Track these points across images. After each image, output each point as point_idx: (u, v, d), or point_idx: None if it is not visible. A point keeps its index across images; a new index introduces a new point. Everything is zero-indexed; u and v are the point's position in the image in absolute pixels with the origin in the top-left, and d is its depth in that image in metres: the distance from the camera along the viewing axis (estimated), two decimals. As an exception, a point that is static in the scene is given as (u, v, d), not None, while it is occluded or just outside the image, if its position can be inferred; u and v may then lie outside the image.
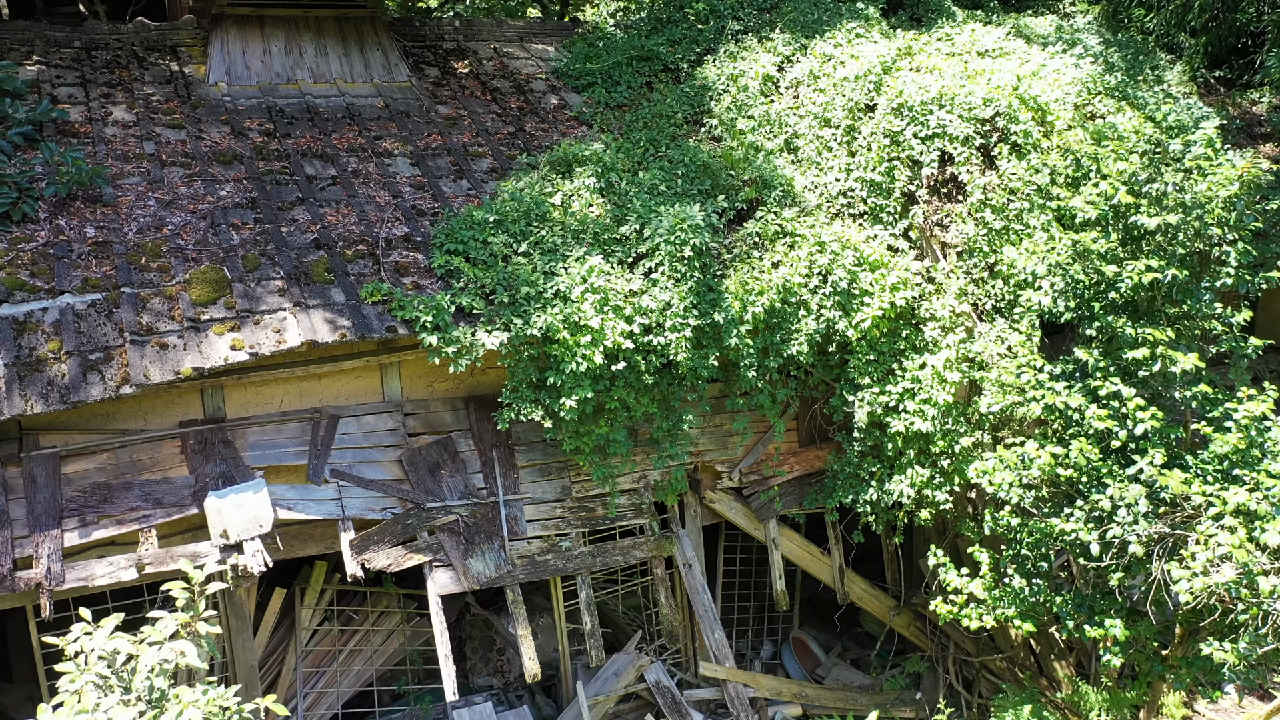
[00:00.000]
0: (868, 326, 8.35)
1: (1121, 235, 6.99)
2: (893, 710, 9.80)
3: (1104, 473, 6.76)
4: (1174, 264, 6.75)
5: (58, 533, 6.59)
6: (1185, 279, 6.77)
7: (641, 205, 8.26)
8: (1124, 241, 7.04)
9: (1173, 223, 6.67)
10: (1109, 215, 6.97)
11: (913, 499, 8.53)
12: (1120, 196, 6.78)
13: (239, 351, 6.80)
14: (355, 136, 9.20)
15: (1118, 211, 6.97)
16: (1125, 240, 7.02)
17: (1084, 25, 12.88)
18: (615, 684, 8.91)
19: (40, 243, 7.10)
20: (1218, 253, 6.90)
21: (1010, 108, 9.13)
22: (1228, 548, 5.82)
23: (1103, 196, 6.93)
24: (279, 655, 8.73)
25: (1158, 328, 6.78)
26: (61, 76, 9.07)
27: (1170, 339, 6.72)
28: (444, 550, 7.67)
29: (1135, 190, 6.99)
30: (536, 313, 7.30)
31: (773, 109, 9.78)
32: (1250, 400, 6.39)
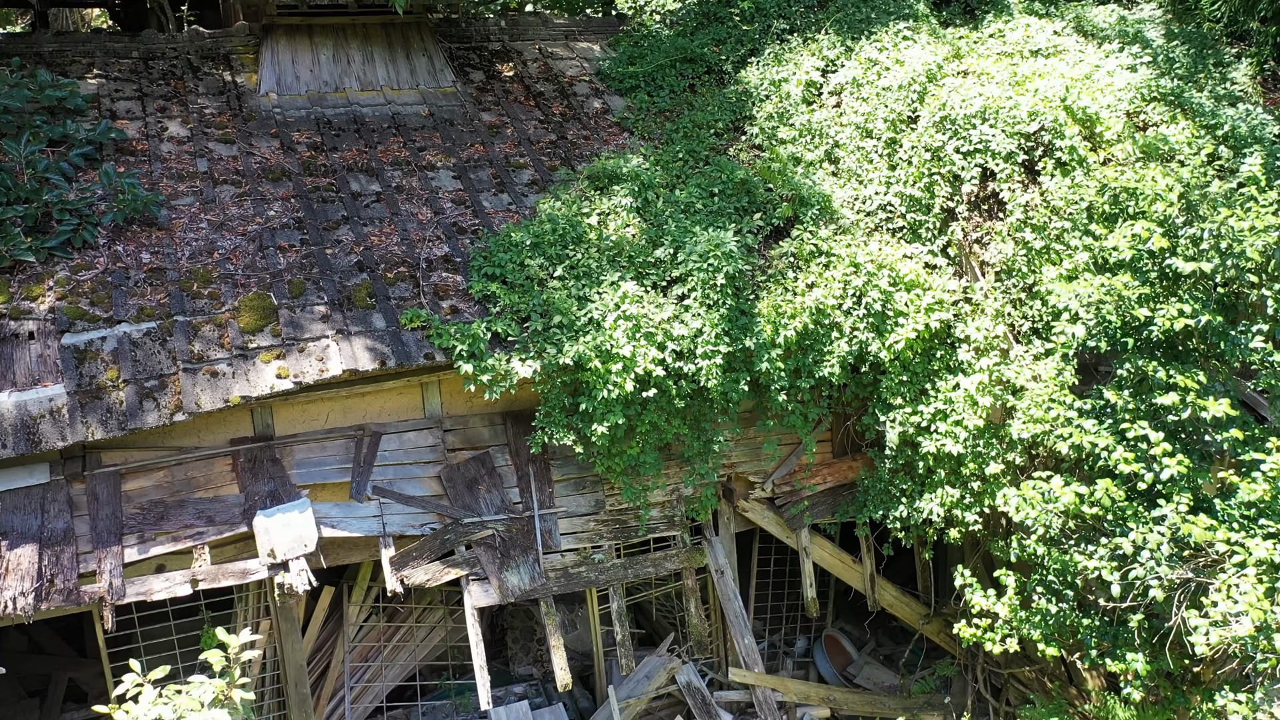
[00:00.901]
0: (901, 348, 8.39)
1: (1157, 275, 6.91)
2: (920, 714, 9.98)
3: (1129, 514, 6.79)
4: (1209, 309, 6.68)
5: (119, 549, 7.03)
6: (1220, 324, 6.69)
7: (676, 226, 8.35)
8: (1159, 279, 6.96)
9: (1207, 270, 6.58)
10: (1143, 256, 6.89)
11: (942, 518, 8.62)
12: (1155, 241, 6.70)
13: (284, 380, 7.12)
14: (400, 148, 9.40)
15: (1153, 254, 6.89)
16: (1160, 279, 6.94)
17: (1147, 16, 12.47)
18: (647, 686, 9.23)
19: (99, 270, 7.45)
20: (1255, 296, 6.80)
21: (1056, 122, 8.99)
22: (1244, 605, 5.85)
23: (1136, 239, 6.85)
24: (328, 649, 9.20)
25: (1189, 371, 6.73)
26: (120, 90, 9.38)
27: (1202, 384, 6.67)
28: (480, 564, 8.00)
29: (1171, 232, 6.89)
30: (569, 341, 7.48)
31: (814, 118, 9.73)
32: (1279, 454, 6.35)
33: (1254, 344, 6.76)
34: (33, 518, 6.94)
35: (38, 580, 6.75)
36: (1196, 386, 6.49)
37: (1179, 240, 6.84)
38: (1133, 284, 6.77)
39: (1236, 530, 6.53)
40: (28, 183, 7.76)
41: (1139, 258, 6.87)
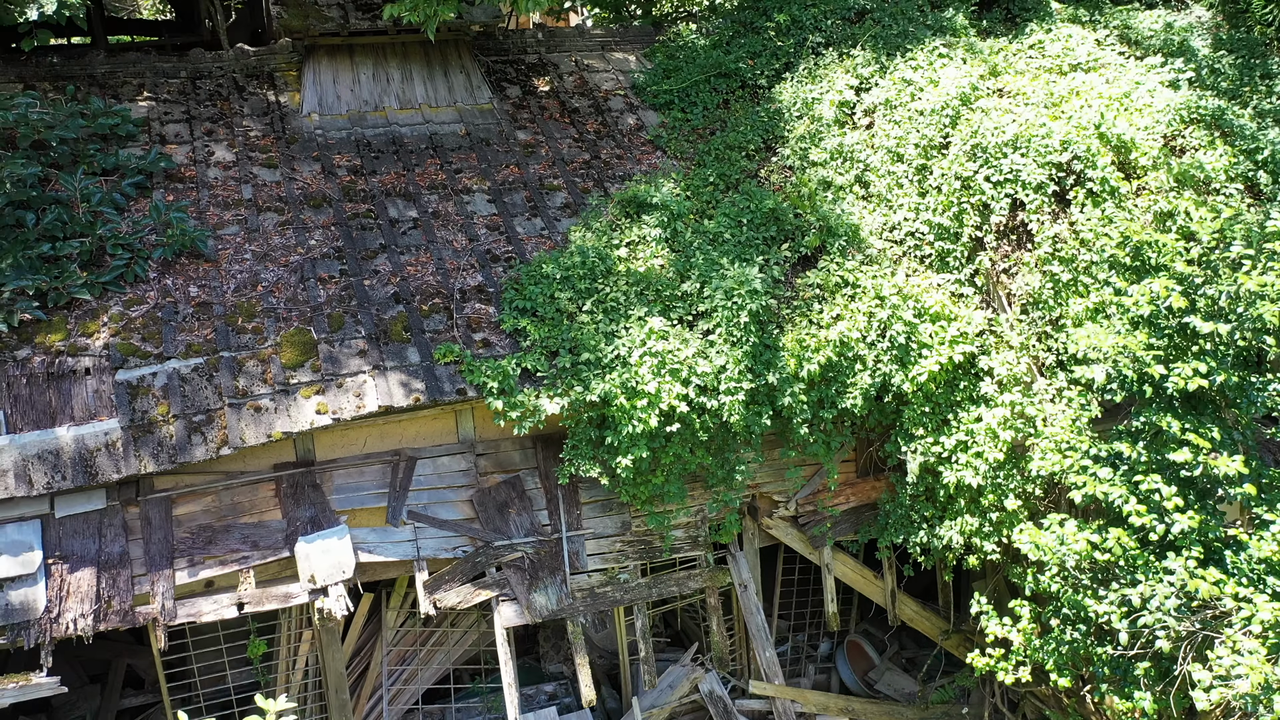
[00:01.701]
0: (924, 380, 8.51)
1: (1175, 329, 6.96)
2: (939, 725, 10.25)
3: (1140, 564, 6.93)
4: (1225, 367, 6.73)
5: (170, 572, 7.48)
6: (1235, 384, 6.75)
7: (704, 259, 8.52)
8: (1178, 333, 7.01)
9: (1223, 333, 6.62)
10: (1161, 312, 6.94)
11: (961, 545, 8.80)
12: (1174, 300, 6.74)
13: (323, 415, 7.47)
14: (437, 171, 9.63)
15: (1171, 310, 6.93)
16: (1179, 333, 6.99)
17: (1196, 21, 12.22)
18: (670, 695, 9.59)
19: (150, 305, 7.82)
20: (1273, 354, 6.83)
21: (1089, 151, 8.97)
22: (1245, 668, 6.00)
23: (1156, 297, 6.89)
24: (367, 651, 9.67)
25: (1205, 426, 6.81)
26: (169, 112, 9.70)
27: (1216, 440, 6.75)
28: (510, 585, 8.36)
29: (1190, 290, 6.92)
30: (596, 378, 7.73)
31: (846, 140, 9.77)
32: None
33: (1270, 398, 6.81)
34: (91, 542, 7.40)
35: (96, 602, 7.23)
36: (1208, 445, 6.57)
37: (1198, 299, 6.87)
38: (1148, 342, 6.83)
39: (1245, 585, 6.65)
40: (83, 216, 8.12)
41: (1158, 314, 6.92)
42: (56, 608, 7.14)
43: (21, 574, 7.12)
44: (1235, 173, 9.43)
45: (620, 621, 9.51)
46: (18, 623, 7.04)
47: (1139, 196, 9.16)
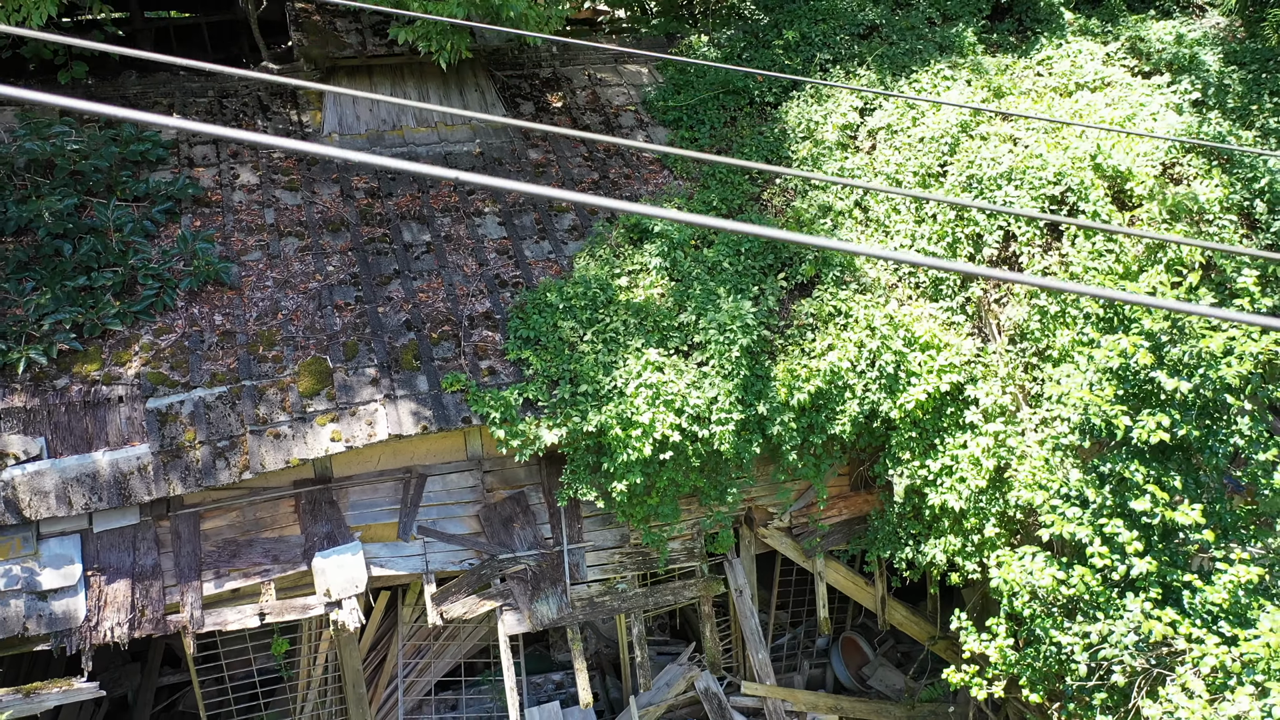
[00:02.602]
0: (912, 407, 8.87)
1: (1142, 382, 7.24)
2: (925, 724, 10.75)
3: (1101, 601, 7.31)
4: (1188, 421, 7.02)
5: (198, 583, 8.12)
6: (1197, 438, 7.04)
7: (701, 289, 8.89)
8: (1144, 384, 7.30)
9: (1185, 390, 6.90)
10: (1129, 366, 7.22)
11: (944, 563, 9.21)
12: (1140, 356, 7.02)
13: (337, 443, 8.00)
14: (450, 193, 10.03)
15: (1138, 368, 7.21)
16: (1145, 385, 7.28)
17: (1209, 32, 12.18)
18: (667, 693, 10.17)
19: (178, 334, 8.37)
20: (1235, 410, 7.10)
21: (1081, 184, 9.17)
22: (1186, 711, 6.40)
23: (1124, 354, 7.17)
24: (384, 644, 10.32)
25: (1168, 474, 7.13)
26: (197, 134, 10.16)
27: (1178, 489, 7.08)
28: (513, 596, 8.92)
29: (1157, 348, 7.19)
30: (593, 410, 8.18)
31: (847, 164, 10.02)
32: (1241, 564, 6.77)
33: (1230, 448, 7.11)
34: (125, 555, 8.04)
35: (131, 611, 7.89)
36: (1165, 497, 6.91)
37: (1165, 355, 7.14)
38: (1114, 395, 7.14)
39: (1199, 627, 7.02)
40: (116, 245, 8.65)
41: (1126, 367, 7.21)
42: (95, 616, 7.81)
43: (63, 585, 7.78)
44: (1230, 203, 9.58)
45: (621, 624, 10.07)
46: (61, 630, 7.72)
47: (1133, 227, 9.37)
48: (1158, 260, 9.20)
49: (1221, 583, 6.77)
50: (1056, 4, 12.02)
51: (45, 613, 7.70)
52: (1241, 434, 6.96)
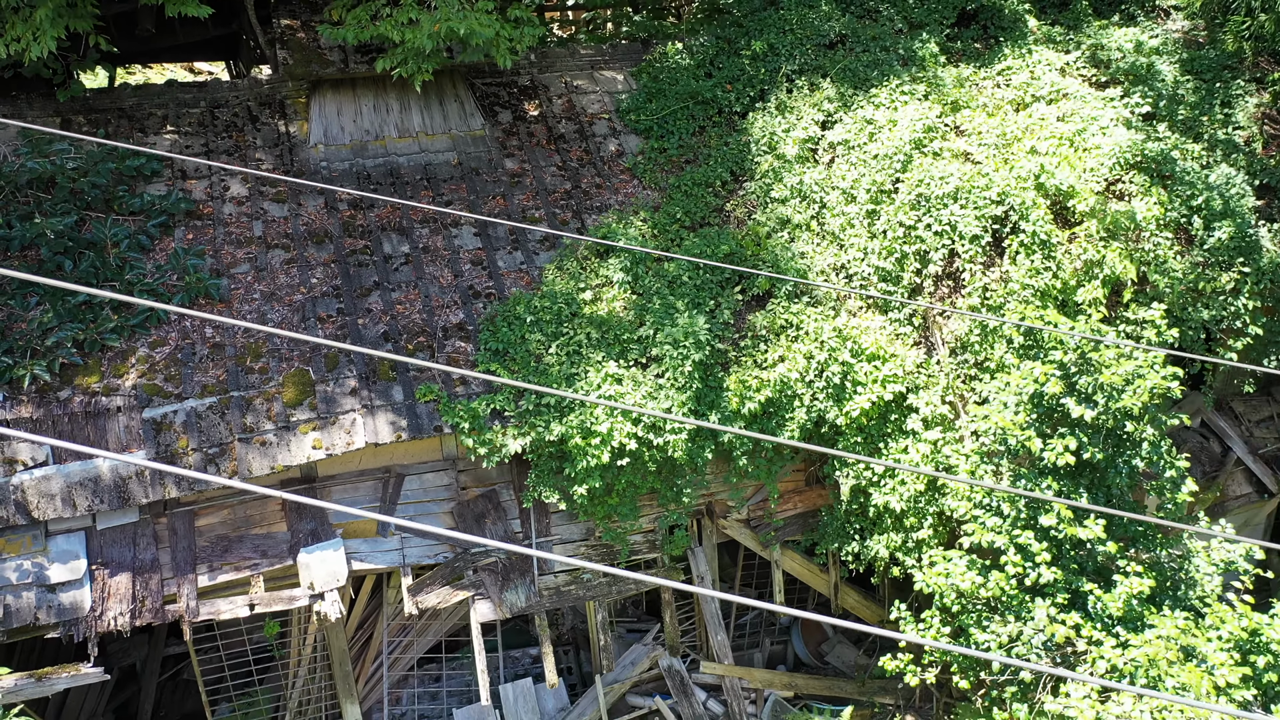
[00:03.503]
0: (857, 415, 9.48)
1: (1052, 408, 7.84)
2: (875, 697, 11.53)
3: (1014, 604, 8.00)
4: (1094, 444, 7.63)
5: (193, 576, 8.87)
6: (1103, 459, 7.65)
7: (661, 303, 9.47)
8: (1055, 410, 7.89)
9: (1089, 418, 7.49)
10: (1042, 395, 7.81)
11: (886, 558, 9.90)
12: (1052, 385, 7.61)
13: (318, 450, 8.69)
14: (429, 203, 10.58)
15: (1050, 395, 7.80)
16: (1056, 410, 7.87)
17: (1169, 38, 12.52)
18: (631, 671, 10.96)
19: (171, 347, 9.03)
20: (1137, 434, 7.69)
21: (1023, 205, 9.67)
22: (1076, 711, 7.11)
23: (1037, 381, 7.75)
24: (370, 624, 11.11)
25: (1075, 491, 7.76)
26: (189, 145, 10.73)
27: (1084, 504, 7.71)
28: (484, 586, 9.66)
29: (1067, 377, 7.76)
30: (555, 421, 8.84)
31: (805, 178, 10.51)
32: (1135, 577, 7.43)
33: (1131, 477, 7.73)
34: (127, 550, 8.79)
35: (132, 602, 8.66)
36: (1070, 515, 7.54)
37: (1074, 384, 7.72)
38: (1026, 421, 7.73)
39: (1099, 630, 7.70)
40: (113, 260, 9.28)
41: (1040, 394, 7.79)
42: (100, 607, 8.58)
43: (70, 579, 8.55)
44: (1167, 220, 10.08)
45: (590, 609, 10.81)
46: (68, 620, 8.50)
47: (1072, 244, 9.89)
48: (1094, 277, 9.74)
49: (1117, 592, 7.43)
50: (1021, 11, 12.35)
51: (54, 604, 8.48)
52: (1141, 456, 7.56)
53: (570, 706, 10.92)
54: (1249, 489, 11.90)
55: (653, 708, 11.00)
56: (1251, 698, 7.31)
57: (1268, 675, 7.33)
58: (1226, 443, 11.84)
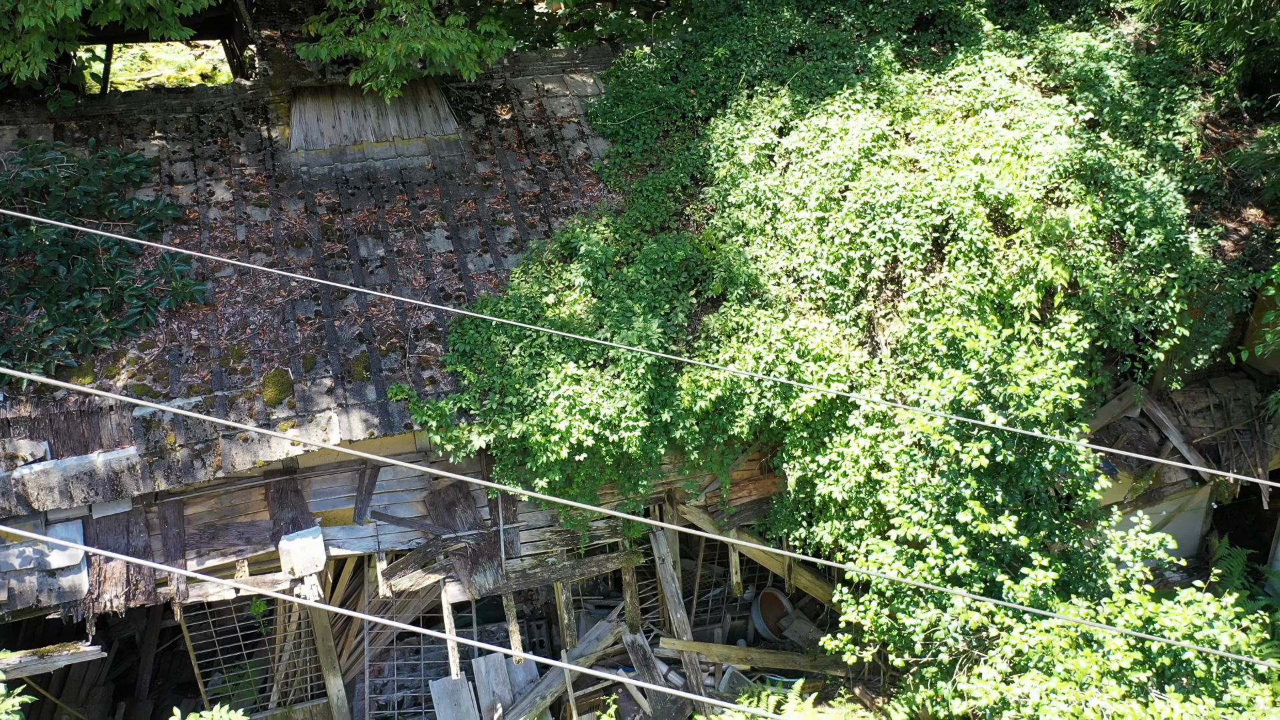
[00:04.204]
0: (803, 411, 10.12)
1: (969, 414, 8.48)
2: (827, 670, 12.29)
3: (936, 593, 8.69)
4: (1008, 447, 8.28)
5: (183, 561, 9.59)
6: (1016, 461, 8.30)
7: (619, 307, 10.08)
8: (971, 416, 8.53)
9: (1001, 423, 8.13)
10: (960, 402, 8.44)
11: (830, 544, 10.59)
12: (968, 393, 8.24)
13: (296, 447, 9.36)
14: (404, 207, 11.17)
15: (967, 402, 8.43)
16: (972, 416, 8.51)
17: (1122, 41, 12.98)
18: (597, 646, 11.72)
19: (159, 349, 9.67)
20: (1047, 439, 8.33)
21: (962, 214, 10.24)
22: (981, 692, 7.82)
23: (956, 390, 8.37)
24: (353, 600, 11.86)
25: (991, 489, 8.42)
26: (176, 150, 11.29)
27: (998, 503, 8.38)
28: (455, 570, 10.38)
29: (982, 385, 8.39)
30: (517, 419, 9.49)
31: (761, 184, 11.06)
32: (1041, 570, 8.11)
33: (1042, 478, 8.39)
34: (121, 537, 9.50)
35: (126, 585, 9.38)
36: (984, 512, 8.21)
37: (989, 392, 8.35)
38: (945, 426, 8.38)
39: (1011, 616, 8.39)
40: (104, 265, 9.90)
41: (959, 401, 8.43)
42: (97, 590, 9.30)
43: (69, 564, 9.26)
44: (1100, 228, 10.65)
45: (558, 590, 11.55)
46: (68, 602, 9.22)
47: (1009, 250, 10.47)
48: (1029, 281, 10.34)
49: (1024, 583, 8.11)
50: (977, 16, 12.80)
51: (54, 587, 9.20)
52: (1050, 459, 8.21)
53: (539, 679, 11.69)
54: (1184, 476, 12.56)
55: (616, 680, 11.77)
56: (1146, 679, 8.02)
57: (1161, 659, 8.02)
58: (1164, 432, 12.48)
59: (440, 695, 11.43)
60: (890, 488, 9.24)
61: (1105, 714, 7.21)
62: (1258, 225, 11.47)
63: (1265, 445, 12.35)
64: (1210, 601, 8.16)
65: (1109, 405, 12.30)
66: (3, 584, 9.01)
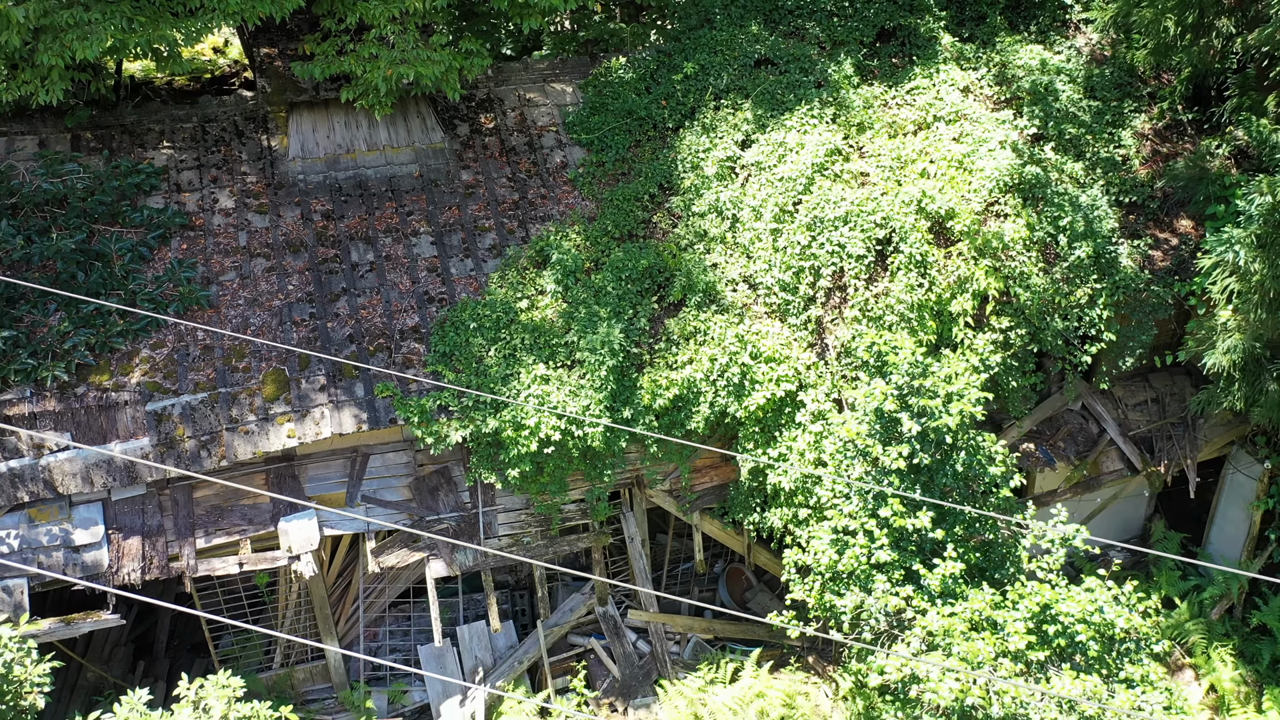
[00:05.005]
0: (754, 409, 11.08)
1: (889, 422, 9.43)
2: (784, 640, 13.36)
3: (862, 578, 9.70)
4: (926, 450, 9.22)
5: (193, 539, 10.69)
6: (931, 464, 9.26)
7: (586, 312, 11.03)
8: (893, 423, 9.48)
9: (915, 431, 9.07)
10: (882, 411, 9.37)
11: (780, 529, 11.60)
12: (889, 402, 9.18)
13: (292, 439, 10.41)
14: (393, 214, 12.10)
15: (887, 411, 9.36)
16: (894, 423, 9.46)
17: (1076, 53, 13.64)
18: (570, 616, 12.83)
19: (169, 349, 10.69)
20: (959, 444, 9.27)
21: (903, 228, 11.09)
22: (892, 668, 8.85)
23: (875, 399, 9.31)
24: (349, 573, 12.99)
25: (910, 486, 9.39)
26: (183, 159, 12.23)
27: (917, 498, 9.35)
28: (438, 548, 11.46)
29: (901, 395, 9.31)
30: (491, 415, 10.50)
31: (722, 196, 11.92)
32: (951, 560, 9.10)
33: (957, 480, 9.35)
34: (136, 517, 10.60)
35: (142, 560, 10.50)
36: (903, 510, 9.18)
37: (906, 402, 9.28)
38: (867, 432, 9.33)
39: (926, 600, 9.39)
40: (119, 270, 10.90)
41: (880, 410, 9.37)
42: (116, 564, 10.42)
43: (91, 542, 10.37)
44: (1034, 240, 11.49)
45: (536, 567, 12.63)
46: (91, 575, 10.35)
47: (948, 261, 11.33)
48: (965, 290, 11.21)
49: (936, 572, 9.10)
50: (936, 29, 13.50)
51: (78, 562, 10.32)
52: (961, 463, 9.17)
53: (518, 644, 12.82)
54: (1120, 465, 13.47)
55: (589, 647, 12.89)
56: (1044, 658, 9.03)
57: (1057, 640, 9.02)
58: (1102, 424, 13.38)
59: (428, 659, 12.59)
60: (825, 481, 10.22)
61: (991, 690, 8.23)
62: (1187, 236, 12.25)
63: (1196, 438, 13.24)
64: (1103, 589, 9.14)
65: (1052, 398, 13.19)
66: (33, 559, 10.14)
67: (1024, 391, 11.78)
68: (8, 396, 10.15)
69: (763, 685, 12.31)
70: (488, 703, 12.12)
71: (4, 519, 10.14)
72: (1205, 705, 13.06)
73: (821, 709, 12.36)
